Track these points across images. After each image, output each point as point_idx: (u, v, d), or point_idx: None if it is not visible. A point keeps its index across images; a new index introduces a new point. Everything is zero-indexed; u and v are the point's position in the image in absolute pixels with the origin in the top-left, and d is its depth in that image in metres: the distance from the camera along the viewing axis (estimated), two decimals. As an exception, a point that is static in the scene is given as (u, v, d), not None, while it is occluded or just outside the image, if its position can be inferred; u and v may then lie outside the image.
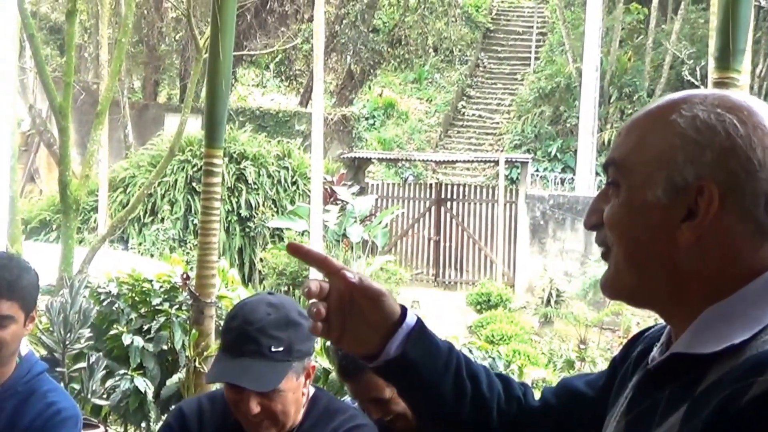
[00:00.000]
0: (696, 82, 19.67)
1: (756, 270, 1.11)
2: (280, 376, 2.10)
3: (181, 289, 5.32)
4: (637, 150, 1.17)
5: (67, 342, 4.72)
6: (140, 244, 15.97)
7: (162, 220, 16.22)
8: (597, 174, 20.44)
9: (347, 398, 2.69)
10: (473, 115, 25.44)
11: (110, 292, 5.54)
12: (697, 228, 1.11)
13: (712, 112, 1.13)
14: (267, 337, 2.10)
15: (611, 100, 22.56)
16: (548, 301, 16.44)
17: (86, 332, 4.82)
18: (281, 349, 2.10)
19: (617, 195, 1.18)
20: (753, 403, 0.98)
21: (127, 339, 5.17)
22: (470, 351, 5.53)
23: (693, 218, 1.12)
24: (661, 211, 1.13)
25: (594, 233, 1.23)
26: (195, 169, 15.96)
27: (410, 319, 1.31)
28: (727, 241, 1.11)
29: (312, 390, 2.30)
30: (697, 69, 19.91)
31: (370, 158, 20.40)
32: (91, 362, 4.66)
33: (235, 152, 16.65)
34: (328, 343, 4.92)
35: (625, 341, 1.44)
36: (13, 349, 2.54)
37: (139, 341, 5.19)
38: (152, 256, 14.79)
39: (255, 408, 2.11)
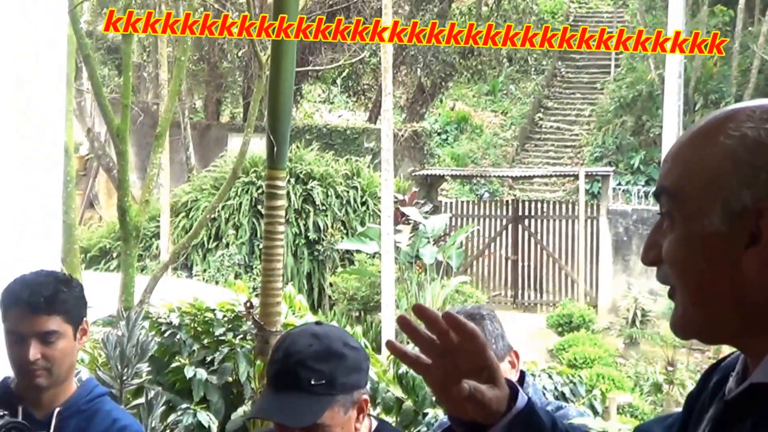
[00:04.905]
0: (788, 87, 19.07)
1: None
2: (320, 411, 2.06)
3: (244, 318, 5.30)
4: (687, 177, 1.14)
5: (125, 377, 4.61)
6: (204, 270, 16.08)
7: (227, 245, 16.29)
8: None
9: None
10: (551, 127, 25.42)
11: (171, 322, 5.50)
12: (762, 253, 1.08)
13: (761, 128, 1.10)
14: (306, 369, 2.08)
15: (696, 108, 22.10)
16: (633, 322, 16.30)
17: (144, 366, 4.70)
18: (322, 382, 2.07)
19: (673, 228, 1.15)
20: None
21: (189, 372, 5.14)
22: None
23: (756, 244, 1.08)
24: (722, 241, 1.10)
25: None
26: (260, 191, 15.98)
27: (520, 403, 1.26)
28: None
29: (375, 423, 2.27)
30: (789, 73, 19.38)
31: (443, 175, 20.39)
32: (149, 398, 4.54)
33: (301, 172, 16.76)
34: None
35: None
36: (68, 364, 2.61)
37: (202, 374, 5.16)
38: (217, 282, 14.83)
39: None
